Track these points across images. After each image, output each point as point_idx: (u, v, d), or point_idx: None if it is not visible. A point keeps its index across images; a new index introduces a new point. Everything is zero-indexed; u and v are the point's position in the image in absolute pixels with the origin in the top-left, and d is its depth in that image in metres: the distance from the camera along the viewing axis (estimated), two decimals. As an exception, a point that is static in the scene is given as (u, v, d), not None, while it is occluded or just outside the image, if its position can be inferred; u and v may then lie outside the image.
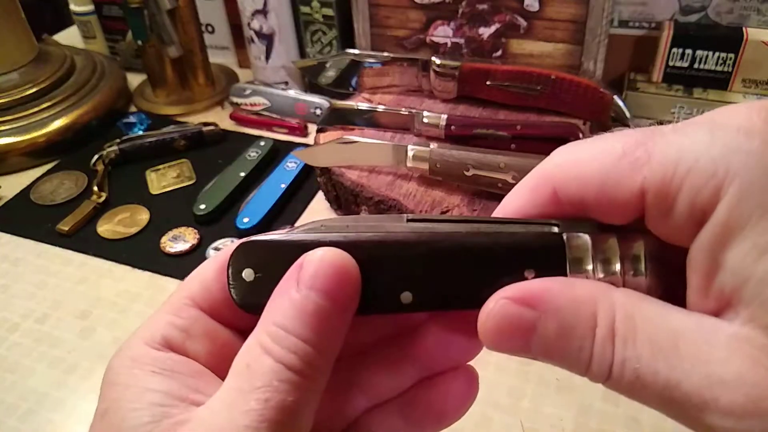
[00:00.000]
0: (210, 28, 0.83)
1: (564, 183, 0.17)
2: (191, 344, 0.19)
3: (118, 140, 0.67)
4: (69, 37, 0.93)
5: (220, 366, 0.18)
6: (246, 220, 0.56)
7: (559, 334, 0.15)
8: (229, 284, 0.19)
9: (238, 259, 0.19)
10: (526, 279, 0.17)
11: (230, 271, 0.19)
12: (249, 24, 0.72)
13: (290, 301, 0.17)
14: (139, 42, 0.72)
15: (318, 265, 0.17)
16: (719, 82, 0.62)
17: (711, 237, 0.13)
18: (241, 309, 0.19)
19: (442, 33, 0.68)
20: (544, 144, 0.53)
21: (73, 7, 0.85)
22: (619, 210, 0.16)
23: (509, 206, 0.19)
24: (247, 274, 0.19)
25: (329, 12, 0.70)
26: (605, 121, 0.57)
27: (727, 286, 0.13)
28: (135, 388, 0.17)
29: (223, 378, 0.17)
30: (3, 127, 0.67)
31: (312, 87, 0.73)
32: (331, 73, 0.68)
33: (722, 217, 0.13)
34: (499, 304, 0.16)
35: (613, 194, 0.15)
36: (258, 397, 0.15)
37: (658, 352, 0.14)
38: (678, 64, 0.62)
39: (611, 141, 0.16)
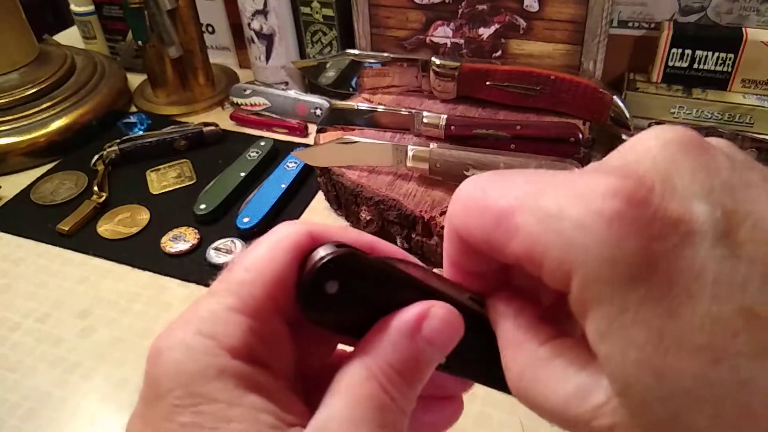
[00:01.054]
0: (210, 29, 0.83)
1: (462, 234, 0.18)
2: (270, 356, 0.17)
3: (118, 140, 0.67)
4: (69, 37, 0.93)
5: (289, 373, 0.18)
6: (246, 220, 0.56)
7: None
8: (304, 292, 0.17)
9: (328, 268, 0.17)
10: None
11: (311, 277, 0.17)
12: (249, 24, 0.72)
13: (412, 349, 0.18)
14: (140, 42, 0.72)
15: (443, 325, 0.18)
16: (719, 82, 0.62)
17: (574, 307, 0.15)
18: (308, 319, 0.18)
19: (442, 33, 0.68)
20: (543, 144, 0.53)
21: (73, 7, 0.85)
22: (507, 261, 0.17)
23: (445, 251, 0.20)
24: (331, 286, 0.17)
25: (329, 12, 0.70)
26: (605, 121, 0.57)
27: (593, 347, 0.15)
28: (242, 408, 0.16)
29: (297, 388, 0.18)
30: (3, 127, 0.67)
31: (312, 87, 0.74)
32: (331, 74, 0.68)
33: (573, 299, 0.15)
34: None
35: (494, 252, 0.17)
36: (378, 429, 0.16)
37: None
38: (677, 64, 0.62)
39: (496, 193, 0.17)
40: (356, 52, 0.67)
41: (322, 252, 0.17)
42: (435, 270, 0.20)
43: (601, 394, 0.15)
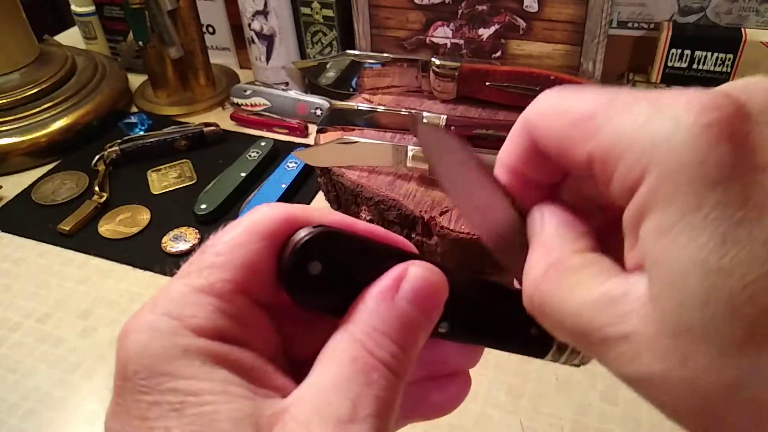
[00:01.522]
0: (211, 29, 0.83)
1: (536, 133, 0.18)
2: (244, 336, 0.17)
3: (119, 140, 0.67)
4: (70, 37, 0.93)
5: (270, 353, 0.18)
6: (246, 220, 0.56)
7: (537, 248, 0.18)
8: (286, 273, 0.17)
9: (308, 249, 0.17)
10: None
11: (292, 259, 0.17)
12: (249, 25, 0.72)
13: (392, 309, 0.18)
14: (140, 43, 0.73)
15: (422, 282, 0.18)
16: (718, 82, 0.61)
17: (632, 211, 0.15)
18: (295, 303, 0.17)
19: (442, 34, 0.69)
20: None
21: (74, 7, 0.85)
22: (574, 168, 0.17)
23: (502, 155, 0.21)
24: (314, 267, 0.17)
25: (329, 13, 0.70)
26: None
27: (640, 256, 0.15)
28: (211, 382, 0.16)
29: (280, 367, 0.18)
30: (4, 128, 0.67)
31: (312, 87, 0.74)
32: (331, 74, 0.68)
33: (640, 197, 0.15)
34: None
35: (566, 155, 0.17)
36: (364, 390, 0.16)
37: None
38: (677, 64, 0.62)
39: (578, 101, 0.17)
40: (356, 52, 0.67)
41: (302, 233, 0.17)
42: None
43: (629, 300, 0.15)
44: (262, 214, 0.18)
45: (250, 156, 0.65)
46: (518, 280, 0.19)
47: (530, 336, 0.20)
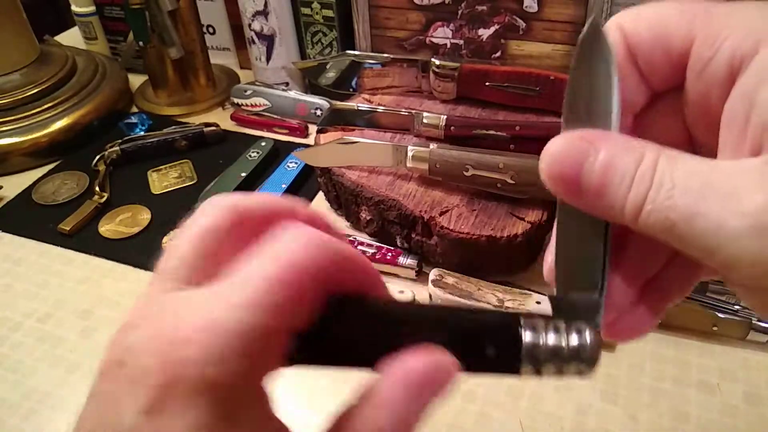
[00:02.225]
0: (211, 29, 0.83)
1: (629, 28, 0.18)
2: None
3: (119, 140, 0.67)
4: (70, 38, 0.93)
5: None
6: (247, 220, 0.56)
7: (607, 163, 0.16)
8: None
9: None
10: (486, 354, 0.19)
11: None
12: (250, 25, 0.72)
13: (395, 412, 0.17)
14: (141, 43, 0.73)
15: (430, 383, 0.17)
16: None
17: (748, 81, 0.15)
18: (291, 360, 0.18)
19: (442, 34, 0.69)
20: (543, 144, 0.53)
21: (74, 8, 0.85)
22: (664, 61, 0.17)
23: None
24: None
25: (330, 13, 0.71)
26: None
27: (762, 123, 0.15)
28: None
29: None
30: (5, 128, 0.67)
31: (312, 88, 0.74)
32: (331, 74, 0.68)
33: (760, 62, 0.15)
34: (562, 136, 0.17)
35: (665, 42, 0.17)
36: None
37: (692, 179, 0.15)
38: (677, 64, 0.62)
39: (674, 3, 0.17)
40: (356, 52, 0.67)
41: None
42: None
43: None
44: (208, 213, 0.19)
45: (250, 156, 0.65)
46: None
47: (488, 356, 0.19)
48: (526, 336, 0.19)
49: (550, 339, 0.19)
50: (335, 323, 0.18)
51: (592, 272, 0.20)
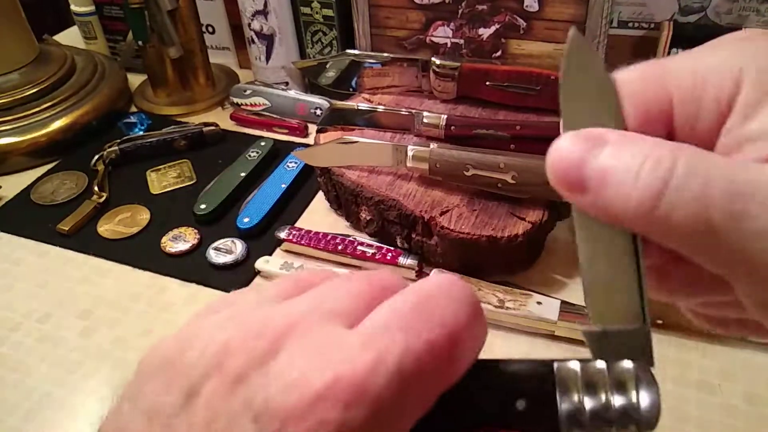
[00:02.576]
0: (210, 29, 0.83)
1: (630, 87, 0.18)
2: None
3: (118, 140, 0.67)
4: (70, 37, 0.93)
5: None
6: (246, 220, 0.56)
7: (614, 152, 0.15)
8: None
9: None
10: (517, 409, 0.17)
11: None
12: (249, 24, 0.72)
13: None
14: (140, 42, 0.73)
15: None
16: (718, 82, 0.62)
17: (739, 114, 0.15)
18: None
19: (442, 33, 0.69)
20: (543, 144, 0.53)
21: (73, 7, 0.85)
22: (653, 117, 0.17)
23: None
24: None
25: (329, 12, 0.70)
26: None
27: (759, 144, 0.15)
28: None
29: None
30: (4, 127, 0.67)
31: (312, 87, 0.74)
32: (331, 74, 0.68)
33: (746, 96, 0.15)
34: (567, 135, 0.17)
35: (648, 103, 0.17)
36: None
37: (734, 173, 0.14)
38: (677, 64, 0.62)
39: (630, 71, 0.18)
40: (356, 52, 0.67)
41: None
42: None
43: None
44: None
45: (249, 156, 0.64)
46: None
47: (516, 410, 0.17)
48: (562, 406, 0.16)
49: (589, 403, 0.16)
50: None
51: (628, 298, 0.17)
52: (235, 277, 0.52)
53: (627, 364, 0.17)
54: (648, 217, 0.14)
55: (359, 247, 0.51)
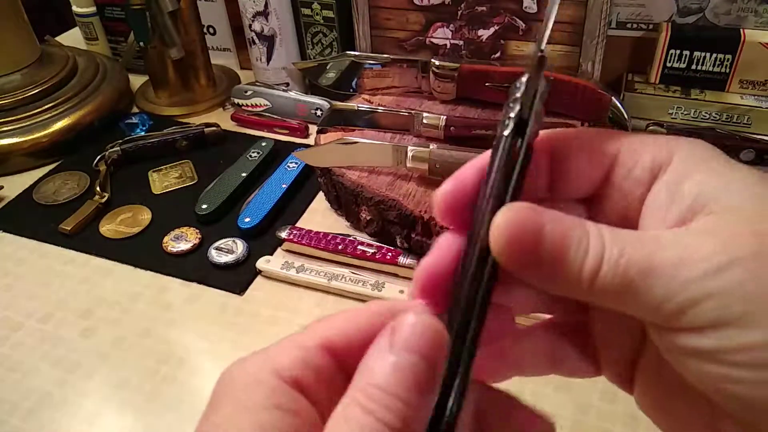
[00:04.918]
0: (211, 30, 0.84)
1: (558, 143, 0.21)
2: (316, 391, 0.18)
3: (120, 141, 0.67)
4: (71, 38, 0.93)
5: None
6: (247, 219, 0.56)
7: (563, 230, 0.18)
8: None
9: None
10: None
11: None
12: (250, 26, 0.72)
13: (387, 361, 0.17)
14: (141, 43, 0.73)
15: (412, 328, 0.18)
16: (717, 83, 0.62)
17: (670, 178, 0.19)
18: None
19: (442, 35, 0.69)
20: (542, 145, 0.53)
21: (75, 8, 0.85)
22: (587, 167, 0.21)
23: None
24: None
25: (330, 14, 0.71)
26: (603, 122, 0.57)
27: (686, 206, 0.18)
28: (250, 413, 0.17)
29: None
30: (6, 128, 0.68)
31: (312, 88, 0.74)
32: (331, 75, 0.68)
33: (677, 165, 0.19)
34: (510, 207, 0.18)
35: (591, 152, 0.21)
36: None
37: (639, 242, 0.17)
38: (676, 65, 0.62)
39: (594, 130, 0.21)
40: (356, 53, 0.67)
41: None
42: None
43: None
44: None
45: (250, 156, 0.65)
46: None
47: None
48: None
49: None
50: None
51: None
52: (237, 276, 0.52)
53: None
54: (588, 285, 0.18)
55: (359, 247, 0.51)
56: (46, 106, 0.70)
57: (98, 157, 0.66)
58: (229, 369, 0.19)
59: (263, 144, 0.66)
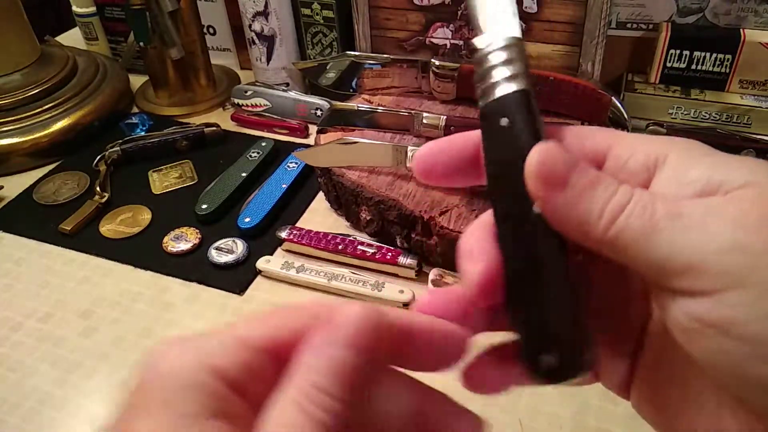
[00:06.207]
0: (211, 30, 0.84)
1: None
2: (253, 392, 0.18)
3: (120, 141, 0.67)
4: (71, 38, 0.93)
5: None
6: (247, 219, 0.56)
7: (597, 174, 0.18)
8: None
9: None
10: None
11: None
12: (250, 26, 0.72)
13: (326, 359, 0.17)
14: (141, 44, 0.73)
15: (350, 323, 0.18)
16: (716, 83, 0.62)
17: (676, 166, 0.19)
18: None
19: (442, 34, 0.69)
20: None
21: (75, 8, 0.85)
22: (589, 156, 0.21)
23: None
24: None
25: (330, 14, 0.71)
26: (603, 122, 0.57)
27: (701, 186, 0.18)
28: (188, 425, 0.16)
29: None
30: (6, 128, 0.68)
31: (312, 88, 0.74)
32: (331, 75, 0.68)
33: (678, 157, 0.19)
34: (548, 145, 0.18)
35: (586, 140, 0.21)
36: None
37: (665, 204, 0.17)
38: (675, 65, 0.62)
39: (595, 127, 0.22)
40: (356, 53, 0.67)
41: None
42: None
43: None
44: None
45: (250, 156, 0.65)
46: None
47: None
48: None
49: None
50: None
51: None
52: (236, 276, 0.52)
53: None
54: (604, 229, 0.18)
55: (359, 247, 0.51)
56: (46, 106, 0.70)
57: (98, 157, 0.66)
58: (153, 361, 0.17)
59: (263, 144, 0.66)
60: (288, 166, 0.63)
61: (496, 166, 0.20)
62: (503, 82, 0.19)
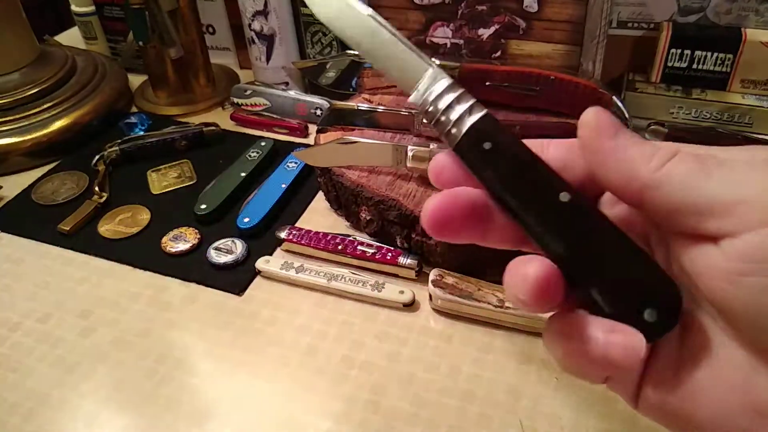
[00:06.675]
0: (211, 29, 0.83)
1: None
2: None
3: (119, 140, 0.67)
4: (70, 37, 0.93)
5: None
6: (246, 220, 0.56)
7: (636, 139, 0.20)
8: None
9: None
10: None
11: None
12: (250, 25, 0.72)
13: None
14: (140, 43, 0.73)
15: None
16: (718, 82, 0.62)
17: (690, 150, 0.20)
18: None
19: (442, 34, 0.69)
20: (543, 144, 0.53)
21: (74, 8, 0.85)
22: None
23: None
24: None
25: (329, 13, 0.70)
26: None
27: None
28: None
29: None
30: (4, 128, 0.67)
31: (312, 88, 0.74)
32: (331, 74, 0.68)
33: (688, 150, 0.20)
34: (598, 108, 0.21)
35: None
36: None
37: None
38: (677, 64, 0.62)
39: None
40: (356, 52, 0.67)
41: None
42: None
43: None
44: None
45: (250, 156, 0.65)
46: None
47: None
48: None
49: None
50: None
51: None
52: (236, 277, 0.52)
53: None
54: (653, 170, 0.19)
55: (359, 247, 0.51)
56: (45, 106, 0.70)
57: (97, 156, 0.66)
58: None
59: (263, 144, 0.66)
60: (287, 166, 0.62)
61: (505, 179, 0.22)
62: (465, 116, 0.23)
